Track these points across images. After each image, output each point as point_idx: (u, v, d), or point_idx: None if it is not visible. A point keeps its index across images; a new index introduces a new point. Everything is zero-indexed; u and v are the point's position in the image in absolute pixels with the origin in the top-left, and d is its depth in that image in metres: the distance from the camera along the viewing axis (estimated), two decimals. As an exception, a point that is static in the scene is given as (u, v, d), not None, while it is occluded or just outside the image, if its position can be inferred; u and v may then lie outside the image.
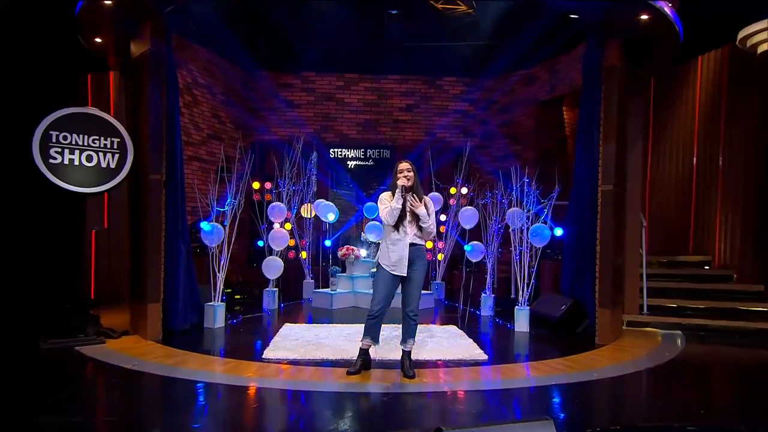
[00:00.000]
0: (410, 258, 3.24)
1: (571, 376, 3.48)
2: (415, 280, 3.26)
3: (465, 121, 8.35)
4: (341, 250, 6.48)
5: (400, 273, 3.25)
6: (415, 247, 3.28)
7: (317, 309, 6.10)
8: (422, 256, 3.30)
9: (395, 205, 3.22)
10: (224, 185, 5.07)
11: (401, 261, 3.22)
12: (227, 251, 4.93)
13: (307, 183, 6.88)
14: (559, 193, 5.23)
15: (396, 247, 3.24)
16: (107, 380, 3.32)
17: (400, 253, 3.23)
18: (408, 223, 3.26)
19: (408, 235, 3.25)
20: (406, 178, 3.23)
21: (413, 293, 3.27)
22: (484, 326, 5.28)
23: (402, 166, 3.30)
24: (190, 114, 6.85)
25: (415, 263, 3.27)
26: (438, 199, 6.88)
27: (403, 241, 3.25)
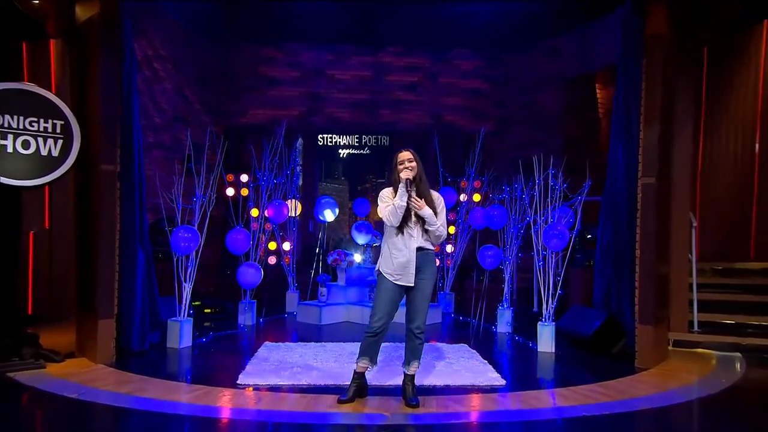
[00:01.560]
0: (418, 265, 3.22)
1: (606, 406, 3.47)
2: (423, 290, 3.25)
3: (478, 102, 8.37)
4: (331, 256, 6.47)
5: (406, 283, 3.23)
6: (424, 251, 3.27)
7: (303, 325, 6.12)
8: (431, 262, 3.29)
9: (399, 203, 3.18)
10: (192, 178, 5.07)
11: (407, 269, 3.20)
12: (196, 257, 4.93)
13: (291, 175, 6.89)
14: (591, 188, 5.24)
15: (400, 252, 3.22)
16: (47, 413, 3.28)
17: (405, 260, 3.21)
18: (414, 224, 3.25)
19: (414, 238, 3.23)
20: (409, 169, 3.20)
21: (420, 307, 3.25)
22: (501, 345, 5.30)
23: (403, 156, 3.28)
24: (151, 93, 6.82)
25: (423, 271, 3.25)
26: (451, 195, 6.85)
27: (409, 244, 3.22)
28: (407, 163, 3.24)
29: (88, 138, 4.28)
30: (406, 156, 3.26)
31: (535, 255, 5.31)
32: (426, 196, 3.29)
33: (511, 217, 5.98)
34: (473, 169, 6.96)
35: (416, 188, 3.27)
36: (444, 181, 7.11)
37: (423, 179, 3.30)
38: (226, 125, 7.92)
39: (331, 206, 6.75)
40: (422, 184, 3.29)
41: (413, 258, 3.22)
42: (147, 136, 6.59)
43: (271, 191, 6.52)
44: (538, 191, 5.30)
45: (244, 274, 5.60)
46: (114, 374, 3.96)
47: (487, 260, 5.93)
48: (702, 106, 6.78)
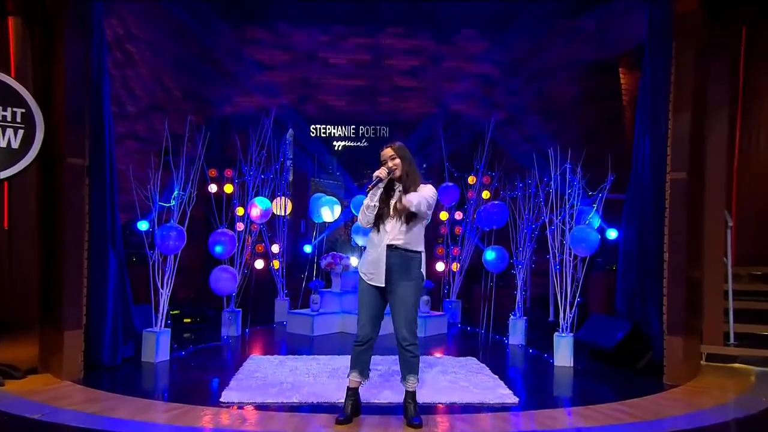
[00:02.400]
0: (390, 265, 3.29)
1: (630, 427, 3.44)
2: (401, 295, 3.30)
3: (487, 89, 8.35)
4: (325, 259, 6.45)
5: (377, 283, 3.32)
6: (398, 251, 3.32)
7: (294, 336, 6.12)
8: (409, 263, 3.32)
9: (368, 202, 3.32)
10: (170, 173, 5.05)
11: (377, 268, 3.30)
12: (174, 259, 4.91)
13: (281, 170, 6.89)
14: (613, 183, 5.22)
15: (373, 248, 3.35)
16: (6, 435, 3.27)
17: (375, 258, 3.32)
18: (389, 220, 3.33)
19: (387, 234, 3.32)
20: (387, 168, 3.31)
21: (400, 314, 3.30)
22: (514, 358, 5.31)
23: (384, 153, 3.39)
24: (123, 78, 6.81)
25: (399, 273, 3.31)
26: (454, 191, 6.80)
27: (380, 241, 3.33)
28: (390, 161, 3.35)
29: (53, 128, 4.27)
30: (388, 153, 3.38)
31: (551, 258, 5.29)
32: (409, 191, 3.33)
33: (525, 216, 5.97)
34: (482, 164, 6.96)
35: (402, 185, 3.35)
36: (450, 176, 7.11)
37: (412, 175, 3.38)
38: (208, 114, 7.91)
39: (330, 204, 6.71)
40: (408, 180, 3.36)
41: (383, 255, 3.29)
42: (119, 126, 6.52)
43: (258, 188, 6.51)
44: (554, 188, 5.28)
45: (217, 280, 5.56)
46: (82, 392, 3.93)
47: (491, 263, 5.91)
48: (739, 92, 6.72)
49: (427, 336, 6.06)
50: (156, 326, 4.86)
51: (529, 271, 6.24)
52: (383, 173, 3.31)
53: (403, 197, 3.28)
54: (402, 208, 3.27)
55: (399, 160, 3.35)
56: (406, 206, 3.25)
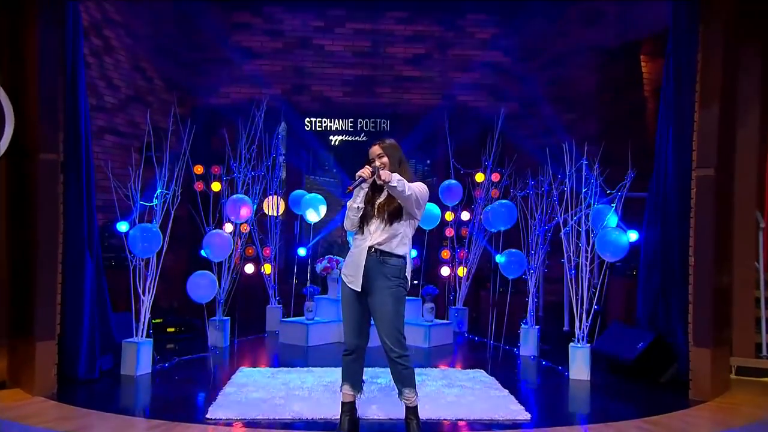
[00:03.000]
0: (367, 268, 3.32)
1: (655, 447, 3.44)
2: (378, 301, 3.31)
3: (497, 78, 8.31)
4: (321, 264, 6.41)
5: (354, 287, 3.37)
6: (377, 254, 3.33)
7: (287, 346, 6.10)
8: (388, 268, 3.33)
9: (351, 205, 3.37)
10: (152, 169, 5.03)
11: (356, 271, 3.35)
12: (157, 265, 4.89)
13: (273, 167, 6.86)
14: (634, 181, 5.19)
15: (355, 249, 3.41)
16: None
17: (355, 260, 3.37)
18: (374, 221, 3.36)
19: (370, 236, 3.36)
20: (372, 167, 3.32)
21: (381, 322, 3.31)
22: (526, 371, 5.30)
23: (372, 152, 3.41)
24: (101, 66, 6.77)
25: (374, 277, 3.32)
26: (456, 191, 6.79)
27: (361, 243, 3.37)
28: (377, 160, 3.37)
29: (25, 121, 4.24)
30: (375, 151, 3.40)
31: (566, 262, 5.26)
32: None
33: (538, 216, 5.94)
34: (491, 160, 6.93)
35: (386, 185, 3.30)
36: (456, 173, 7.09)
37: (405, 169, 3.41)
38: (194, 106, 7.88)
39: (315, 204, 6.70)
40: (404, 174, 3.35)
41: (362, 258, 3.33)
42: (97, 118, 6.56)
43: (248, 186, 6.48)
44: (569, 186, 5.24)
45: (195, 286, 5.50)
46: (55, 408, 3.91)
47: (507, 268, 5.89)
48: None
49: (432, 346, 6.03)
50: (137, 336, 4.83)
51: (541, 276, 6.21)
52: (366, 172, 3.29)
53: (383, 171, 3.24)
54: (382, 180, 3.21)
55: (387, 159, 3.36)
56: (385, 179, 3.20)
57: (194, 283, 5.48)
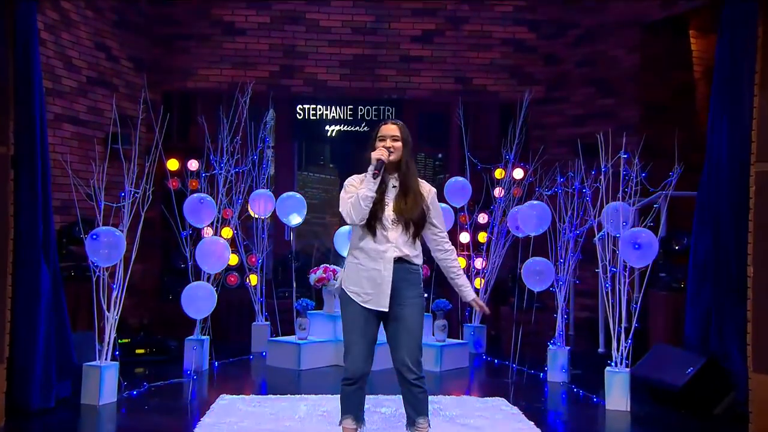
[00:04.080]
0: (395, 282, 3.26)
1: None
2: (408, 319, 3.30)
3: (521, 58, 8.27)
4: (315, 274, 6.40)
5: (377, 306, 3.28)
6: (405, 265, 3.31)
7: (276, 370, 6.08)
8: (415, 279, 3.36)
9: (363, 192, 3.22)
10: (118, 164, 5.00)
11: (380, 287, 3.25)
12: (124, 275, 4.87)
13: (259, 161, 6.85)
14: (681, 178, 5.16)
15: (371, 261, 3.28)
16: None
17: (375, 274, 3.26)
18: (392, 223, 3.28)
19: (392, 244, 3.27)
20: (388, 149, 3.30)
21: (407, 340, 3.28)
22: (554, 400, 5.30)
23: (387, 129, 3.37)
24: (58, 44, 6.75)
25: (402, 293, 3.29)
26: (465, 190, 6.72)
27: (383, 251, 3.26)
28: (390, 140, 3.31)
29: (-33, 108, 4.24)
30: (391, 130, 3.34)
31: (601, 273, 5.22)
32: (412, 189, 3.34)
33: (567, 219, 5.90)
34: (512, 153, 6.90)
35: (400, 179, 3.34)
36: (471, 169, 7.08)
37: (410, 167, 3.38)
38: (167, 91, 7.89)
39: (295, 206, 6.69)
40: (408, 173, 3.35)
41: (389, 272, 3.24)
42: (53, 105, 6.56)
43: (230, 183, 6.46)
44: (605, 183, 5.20)
45: (193, 299, 5.49)
46: (3, 443, 3.94)
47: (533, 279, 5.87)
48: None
49: (444, 370, 5.99)
50: (100, 359, 4.79)
51: (572, 288, 6.18)
52: (385, 153, 3.25)
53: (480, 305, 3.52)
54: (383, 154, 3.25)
55: (401, 144, 3.32)
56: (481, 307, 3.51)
57: (191, 296, 5.46)
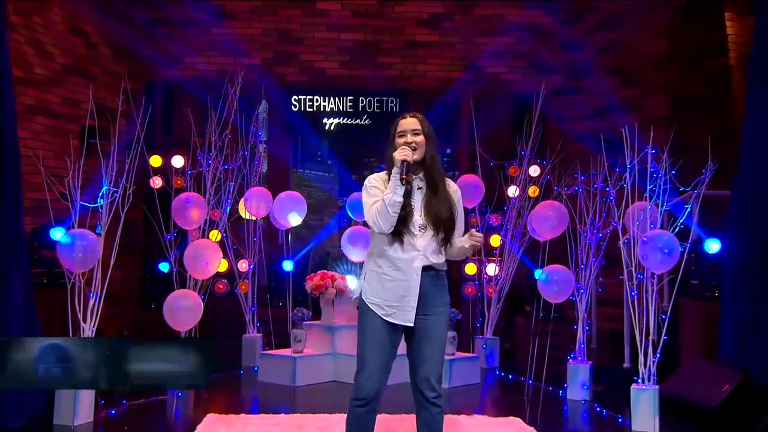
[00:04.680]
0: (423, 292, 3.25)
1: None
2: (433, 330, 3.30)
3: (536, 45, 8.28)
4: (312, 281, 6.37)
5: (403, 321, 3.27)
6: (433, 273, 3.31)
7: (269, 387, 6.11)
8: (443, 288, 3.36)
9: (391, 197, 3.18)
10: (96, 161, 5.01)
11: (405, 299, 3.25)
12: (101, 282, 4.87)
13: (251, 158, 6.85)
14: (715, 175, 5.14)
15: (397, 271, 3.26)
16: None
17: (401, 285, 3.26)
18: (419, 229, 3.26)
19: (419, 252, 3.25)
20: (410, 146, 3.25)
21: (431, 355, 3.27)
22: (575, 420, 5.35)
23: (406, 124, 3.31)
24: (29, 29, 6.74)
25: (430, 303, 3.29)
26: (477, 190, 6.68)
27: (409, 260, 3.25)
28: (411, 134, 3.26)
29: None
30: (411, 124, 3.29)
31: (626, 280, 5.18)
32: (440, 188, 3.30)
33: (589, 221, 5.87)
34: (528, 149, 6.88)
35: (426, 178, 3.29)
36: (483, 165, 7.03)
37: (436, 164, 3.34)
38: (149, 80, 7.92)
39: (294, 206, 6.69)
40: (434, 170, 3.31)
41: (416, 282, 3.23)
42: (24, 95, 6.55)
43: (219, 182, 6.45)
44: (630, 182, 5.17)
45: (177, 310, 5.43)
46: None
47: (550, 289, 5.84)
48: None
49: (453, 387, 5.99)
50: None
51: (594, 297, 6.14)
52: (409, 154, 3.18)
53: (475, 237, 3.28)
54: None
55: (423, 137, 3.26)
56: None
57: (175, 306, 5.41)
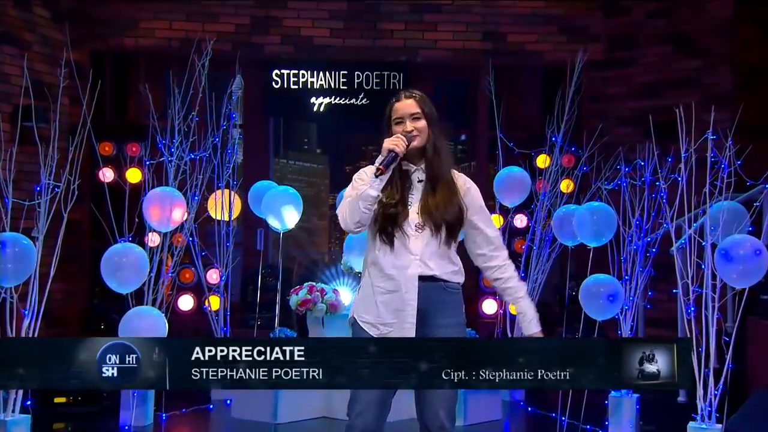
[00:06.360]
0: (424, 308, 3.27)
1: None
2: None
3: (571, 6, 8.39)
4: (297, 295, 6.40)
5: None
6: (437, 284, 3.32)
7: (244, 425, 6.15)
8: (453, 302, 3.38)
9: (366, 191, 3.23)
10: (32, 148, 5.06)
11: (401, 313, 3.28)
12: (38, 297, 4.88)
13: (223, 145, 6.87)
14: None
15: (388, 281, 3.30)
16: None
17: (394, 297, 3.29)
18: (415, 229, 3.29)
19: (414, 256, 3.28)
20: (408, 133, 3.30)
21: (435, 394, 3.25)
22: None
23: (402, 108, 3.35)
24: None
25: (435, 321, 3.30)
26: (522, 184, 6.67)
27: (402, 267, 3.29)
28: (409, 121, 3.30)
29: None
30: (408, 107, 3.33)
31: (680, 294, 5.17)
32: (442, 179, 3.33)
33: (635, 222, 5.88)
34: (560, 134, 6.87)
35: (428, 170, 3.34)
36: (505, 153, 7.05)
37: (440, 152, 3.37)
38: (97, 50, 7.93)
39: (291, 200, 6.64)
40: (437, 159, 3.35)
41: (412, 294, 3.25)
42: None
43: (185, 174, 6.45)
44: (686, 174, 5.13)
45: (134, 331, 5.42)
46: None
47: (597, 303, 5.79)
48: None
49: (469, 425, 6.01)
50: (5, 411, 4.78)
51: (641, 314, 6.15)
52: (401, 144, 3.19)
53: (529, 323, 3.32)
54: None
55: (424, 122, 3.28)
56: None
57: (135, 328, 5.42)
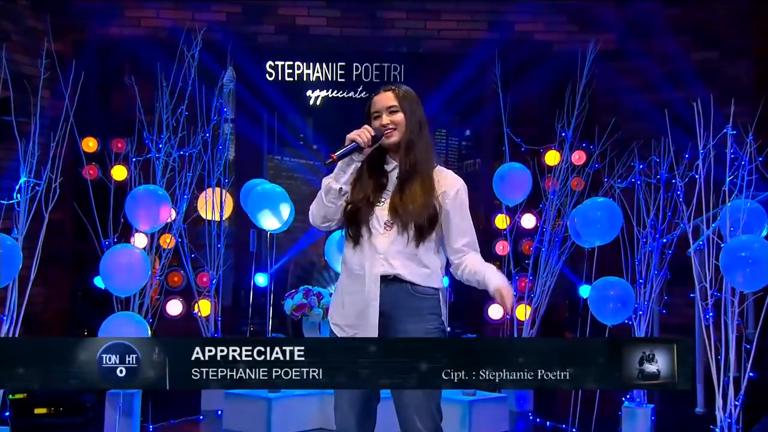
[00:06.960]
0: (389, 310, 3.33)
1: None
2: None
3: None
4: (292, 299, 6.48)
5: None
6: (401, 287, 3.36)
7: None
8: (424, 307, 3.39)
9: (329, 184, 3.38)
10: (11, 144, 5.11)
11: (363, 313, 3.34)
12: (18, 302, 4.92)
13: (214, 141, 6.89)
14: None
15: (354, 282, 3.40)
16: None
17: (360, 298, 3.36)
18: (384, 226, 3.36)
19: (379, 255, 3.34)
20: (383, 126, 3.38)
21: (414, 396, 3.29)
22: None
23: (380, 101, 3.43)
24: None
25: (400, 326, 3.34)
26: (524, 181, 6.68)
27: (367, 265, 3.36)
28: (386, 115, 3.36)
29: None
30: (385, 100, 3.40)
31: (698, 299, 5.20)
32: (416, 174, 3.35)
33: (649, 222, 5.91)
34: (570, 129, 6.90)
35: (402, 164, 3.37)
36: (512, 150, 7.07)
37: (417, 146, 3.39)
38: (81, 40, 7.95)
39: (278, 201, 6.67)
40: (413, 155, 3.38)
41: (374, 294, 3.31)
42: None
43: (174, 171, 6.48)
44: (704, 171, 5.14)
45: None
46: None
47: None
48: None
49: None
50: None
51: (656, 320, 6.18)
52: (364, 136, 3.27)
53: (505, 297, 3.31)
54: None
55: (402, 116, 3.34)
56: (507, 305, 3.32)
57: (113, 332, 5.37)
